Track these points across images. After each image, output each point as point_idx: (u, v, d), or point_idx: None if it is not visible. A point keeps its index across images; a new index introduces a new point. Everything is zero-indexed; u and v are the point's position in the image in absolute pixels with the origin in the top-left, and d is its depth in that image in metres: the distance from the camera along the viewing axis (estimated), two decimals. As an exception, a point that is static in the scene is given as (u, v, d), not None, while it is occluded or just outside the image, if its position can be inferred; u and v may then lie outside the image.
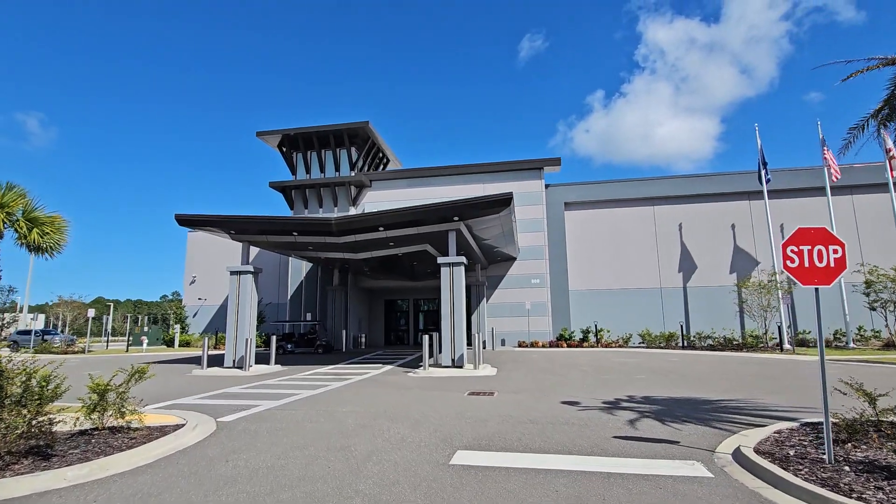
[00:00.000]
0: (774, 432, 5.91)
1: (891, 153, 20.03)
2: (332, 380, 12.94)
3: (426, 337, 14.55)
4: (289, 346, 23.30)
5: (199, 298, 34.11)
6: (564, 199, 26.47)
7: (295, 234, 16.34)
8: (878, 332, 21.51)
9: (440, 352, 16.37)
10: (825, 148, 21.82)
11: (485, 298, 25.54)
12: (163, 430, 6.39)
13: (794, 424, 6.27)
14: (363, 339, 27.78)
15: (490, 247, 21.89)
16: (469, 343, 16.72)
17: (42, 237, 8.96)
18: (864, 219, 23.55)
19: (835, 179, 21.27)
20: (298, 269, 28.23)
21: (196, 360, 18.14)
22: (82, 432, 6.13)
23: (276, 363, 17.25)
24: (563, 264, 25.76)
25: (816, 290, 5.55)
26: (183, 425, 6.75)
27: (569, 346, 23.57)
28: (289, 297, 28.37)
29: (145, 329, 34.68)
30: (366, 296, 31.17)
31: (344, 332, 25.53)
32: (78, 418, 6.15)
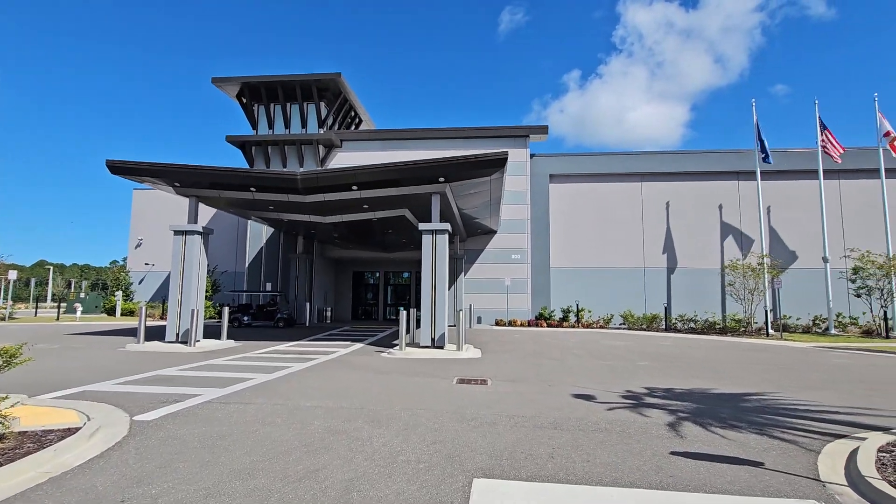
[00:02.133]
0: (879, 450, 4.55)
1: (890, 136, 19.40)
2: (294, 360, 11.04)
3: (403, 312, 12.80)
4: (245, 318, 21.05)
5: (146, 264, 30.97)
6: (550, 171, 24.93)
7: (253, 189, 14.03)
8: (855, 318, 21.37)
9: (417, 328, 14.71)
10: (826, 130, 21.02)
11: (463, 273, 23.95)
12: (40, 441, 4.40)
13: (892, 438, 4.94)
14: (329, 313, 25.75)
15: (471, 217, 20.16)
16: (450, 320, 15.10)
17: None
18: (849, 204, 23.21)
19: (838, 161, 20.57)
20: (258, 233, 25.66)
21: (134, 333, 15.74)
22: None
23: (229, 338, 15.14)
24: (545, 240, 24.40)
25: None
26: (77, 430, 4.77)
27: (549, 325, 22.42)
28: (247, 265, 25.84)
29: (81, 296, 31.23)
30: (333, 266, 28.99)
31: (308, 304, 23.42)
32: None
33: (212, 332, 16.76)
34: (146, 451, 4.47)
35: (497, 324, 23.33)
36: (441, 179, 13.25)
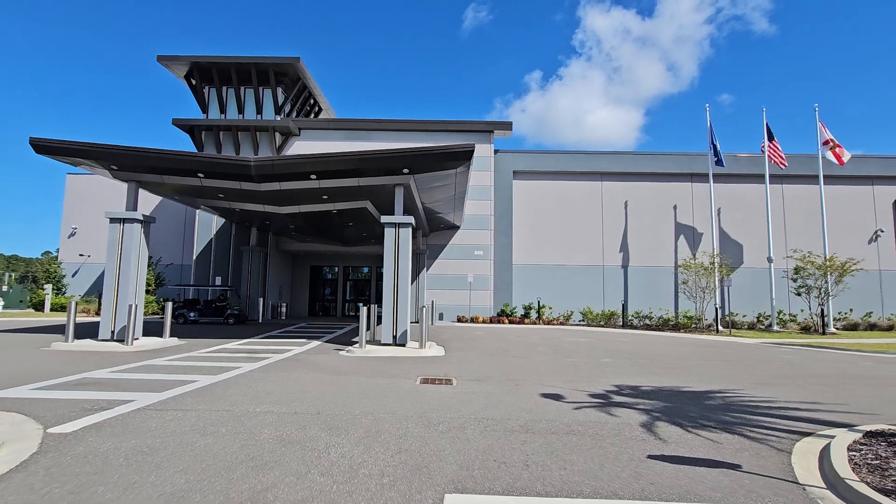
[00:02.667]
0: (849, 449, 4.53)
1: (829, 144, 20.59)
2: (244, 359, 10.27)
3: (364, 308, 12.24)
4: (191, 314, 19.72)
5: (81, 255, 28.60)
6: (513, 168, 24.89)
7: (201, 176, 12.99)
8: (794, 316, 22.63)
9: (378, 325, 14.19)
10: (772, 139, 22.04)
11: (425, 269, 23.52)
12: (-81, 464, 3.63)
13: (857, 435, 4.96)
14: (284, 309, 24.67)
15: (434, 212, 19.76)
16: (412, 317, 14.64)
17: None
18: (791, 207, 24.53)
19: (783, 168, 21.63)
20: (207, 224, 24.17)
21: (63, 330, 14.29)
22: None
23: (173, 336, 14.04)
24: (508, 236, 24.36)
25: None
26: (-28, 448, 4.01)
27: (510, 322, 22.40)
28: (194, 258, 24.29)
29: (4, 288, 28.44)
30: (289, 260, 27.82)
31: (261, 300, 22.29)
32: None
33: (154, 329, 15.54)
34: (58, 472, 3.79)
35: (459, 320, 23.09)
36: (405, 171, 12.76)
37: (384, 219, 12.81)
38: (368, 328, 14.21)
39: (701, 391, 7.70)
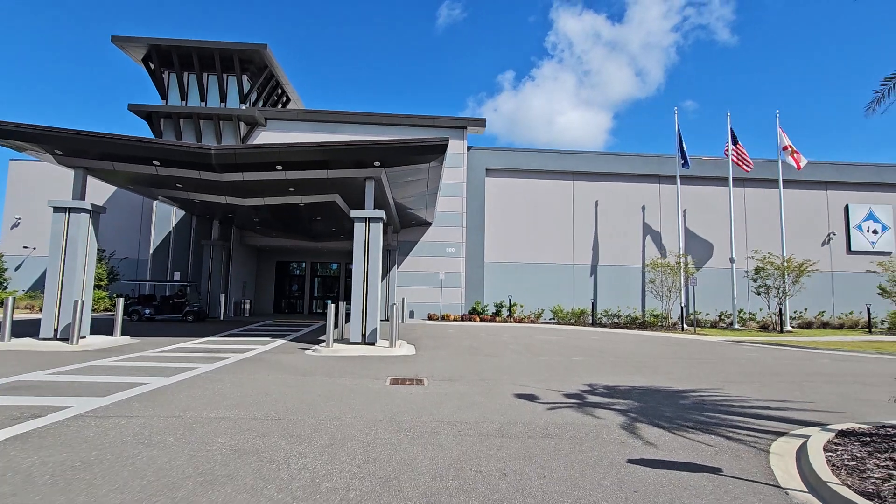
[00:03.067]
0: (825, 450, 4.49)
1: (788, 149, 21.37)
2: (201, 359, 9.65)
3: (332, 306, 11.76)
4: (147, 311, 18.63)
5: (26, 247, 26.68)
6: (486, 165, 24.74)
7: (157, 164, 12.17)
8: (754, 314, 23.45)
9: (347, 323, 13.74)
10: (736, 143, 22.69)
11: (396, 265, 23.09)
12: None
13: (830, 435, 4.95)
14: (248, 306, 23.74)
15: (405, 208, 19.37)
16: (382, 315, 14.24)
17: None
18: (752, 210, 25.38)
19: (748, 171, 22.31)
20: (166, 216, 22.97)
21: None
22: None
23: (125, 334, 13.16)
24: (480, 234, 24.21)
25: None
26: None
27: (482, 320, 22.26)
28: (151, 252, 23.03)
29: (-65, 282, 26.18)
30: (253, 255, 26.81)
31: (223, 296, 21.33)
32: None
33: (104, 327, 14.57)
34: (-34, 495, 3.26)
35: (430, 318, 22.79)
36: (377, 164, 12.33)
37: (354, 213, 12.35)
38: (336, 326, 13.74)
39: (674, 390, 7.68)
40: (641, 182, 25.38)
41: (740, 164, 22.10)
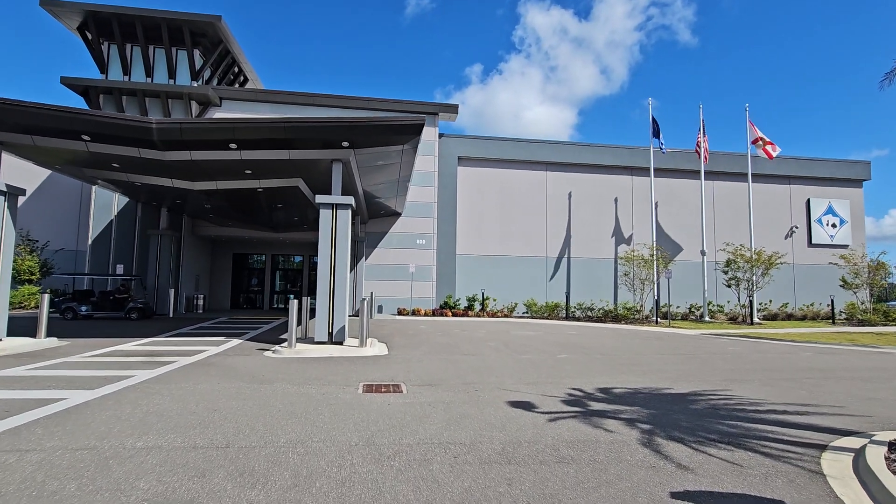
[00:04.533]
0: (891, 470, 3.83)
1: (759, 142, 21.51)
2: (140, 365, 8.28)
3: (294, 301, 10.54)
4: (83, 308, 16.65)
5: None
6: (458, 154, 23.77)
7: (86, 139, 10.51)
8: (721, 307, 23.69)
9: (311, 319, 12.53)
10: (703, 134, 22.71)
11: (364, 258, 21.84)
12: None
13: (882, 449, 4.32)
14: (201, 302, 21.90)
15: (373, 196, 18.16)
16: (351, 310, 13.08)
17: None
18: (721, 203, 25.62)
19: (704, 162, 22.36)
20: (107, 203, 20.78)
21: None
22: None
23: (53, 335, 11.46)
24: (451, 225, 23.26)
25: None
26: None
27: (454, 314, 21.39)
28: (90, 243, 20.81)
29: None
30: (208, 246, 24.85)
31: (172, 291, 19.49)
32: None
33: (29, 327, 12.75)
34: None
35: (400, 313, 21.72)
36: (345, 144, 11.13)
37: (319, 198, 11.12)
38: (300, 323, 12.50)
39: (678, 393, 7.02)
40: (614, 174, 25.11)
41: (704, 156, 22.16)
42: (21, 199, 11.74)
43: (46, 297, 11.17)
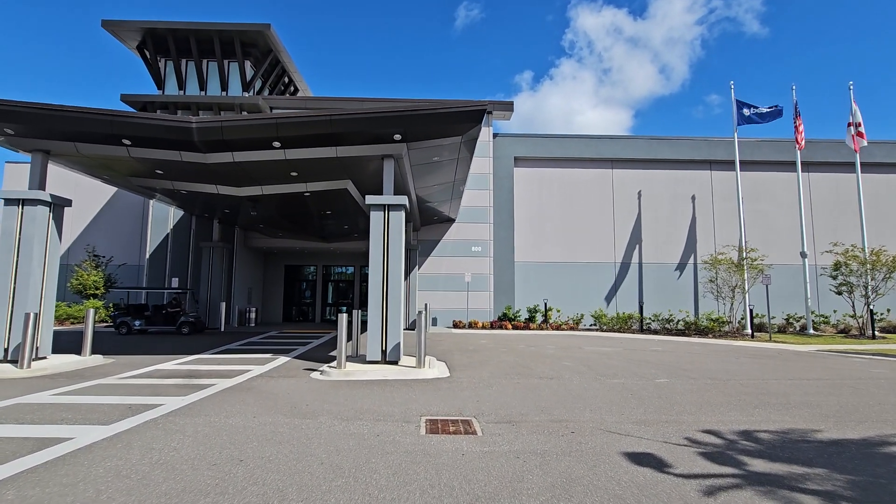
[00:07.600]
0: None
1: (859, 127, 18.34)
2: (175, 388, 7.29)
3: (344, 315, 9.32)
4: (136, 323, 16.46)
5: None
6: (514, 154, 22.20)
7: (127, 143, 9.92)
8: (826, 317, 20.38)
9: (363, 333, 11.31)
10: (798, 117, 19.82)
11: (417, 267, 20.65)
12: None
13: None
14: (253, 315, 21.51)
15: (425, 201, 16.93)
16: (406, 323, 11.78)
17: None
18: (817, 197, 22.33)
19: (800, 149, 19.44)
20: (163, 217, 20.93)
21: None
22: None
23: (100, 351, 10.95)
24: (509, 231, 21.64)
25: None
26: None
27: (514, 327, 19.65)
28: (147, 257, 21.00)
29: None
30: (260, 259, 24.65)
31: (224, 305, 19.11)
32: None
33: (75, 344, 12.39)
34: None
35: (455, 326, 20.26)
36: (397, 137, 9.91)
37: (370, 199, 9.94)
38: (350, 339, 11.33)
39: (859, 440, 5.03)
40: (690, 168, 22.54)
41: (800, 142, 19.27)
42: (66, 210, 11.39)
43: (91, 312, 10.65)
